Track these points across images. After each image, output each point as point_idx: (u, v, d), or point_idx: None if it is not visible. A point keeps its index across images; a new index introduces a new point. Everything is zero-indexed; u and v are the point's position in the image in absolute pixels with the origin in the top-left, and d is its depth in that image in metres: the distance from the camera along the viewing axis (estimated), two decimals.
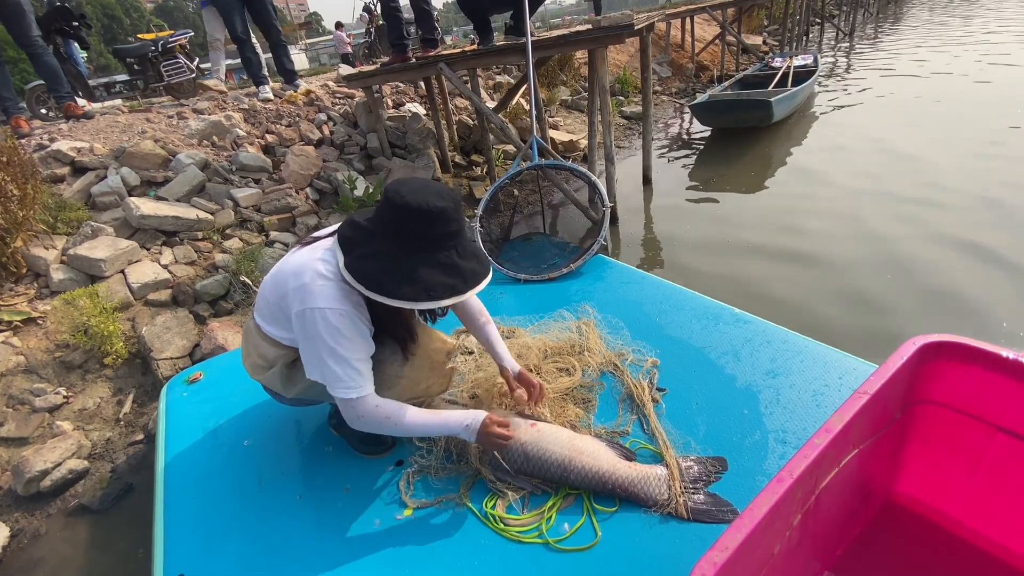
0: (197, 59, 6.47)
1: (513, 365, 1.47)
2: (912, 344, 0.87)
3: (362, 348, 1.15)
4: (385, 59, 4.68)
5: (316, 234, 1.27)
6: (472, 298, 1.42)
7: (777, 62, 8.27)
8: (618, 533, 1.17)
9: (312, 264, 1.13)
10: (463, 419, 1.22)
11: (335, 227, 1.22)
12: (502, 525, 1.22)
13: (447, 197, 1.08)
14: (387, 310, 1.13)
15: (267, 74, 5.06)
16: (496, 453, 1.31)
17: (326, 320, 1.09)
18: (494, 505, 1.27)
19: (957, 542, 0.98)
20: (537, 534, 1.19)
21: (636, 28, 3.26)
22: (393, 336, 1.27)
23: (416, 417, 1.20)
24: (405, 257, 1.06)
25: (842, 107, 7.05)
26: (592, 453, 1.27)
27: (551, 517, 1.22)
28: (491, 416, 1.22)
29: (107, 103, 6.30)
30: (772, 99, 5.67)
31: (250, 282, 3.13)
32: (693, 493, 1.20)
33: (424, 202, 1.04)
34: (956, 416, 0.93)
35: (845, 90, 7.98)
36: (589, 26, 3.70)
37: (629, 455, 1.31)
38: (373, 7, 10.84)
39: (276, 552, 1.27)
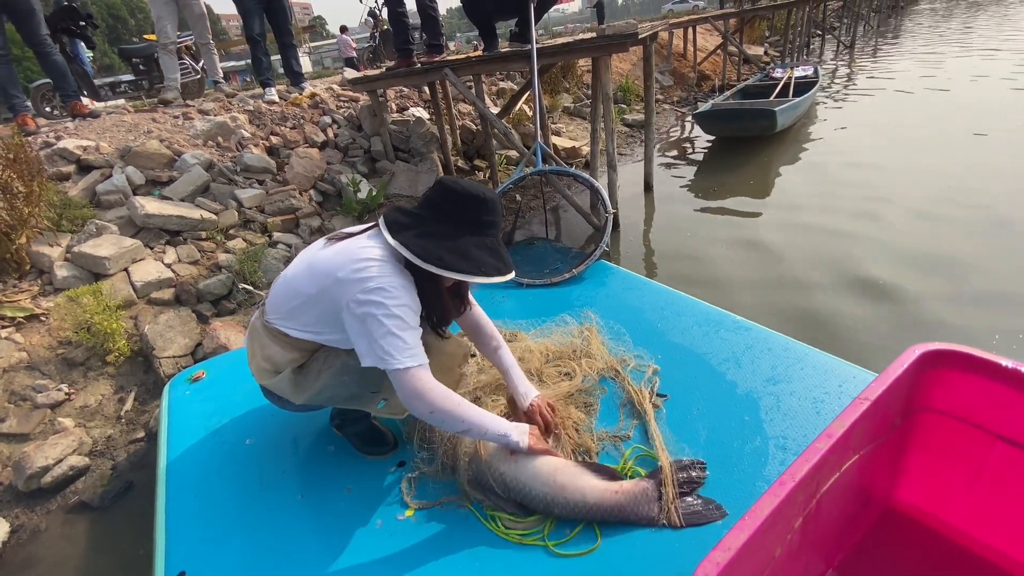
0: (202, 61, 6.51)
1: (527, 395, 1.42)
2: (913, 352, 0.89)
3: (416, 325, 1.18)
4: (389, 63, 4.72)
5: (346, 230, 1.28)
6: (484, 319, 1.48)
7: (778, 73, 8.32)
8: (619, 536, 1.18)
9: (361, 252, 1.15)
10: (512, 429, 1.24)
11: (365, 226, 1.27)
12: (504, 528, 1.23)
13: (490, 191, 1.21)
14: (430, 292, 1.21)
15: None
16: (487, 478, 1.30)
17: (391, 294, 1.11)
18: (494, 508, 1.28)
19: (957, 550, 0.99)
20: (539, 537, 1.20)
21: (640, 37, 3.30)
22: (429, 318, 1.28)
23: (475, 417, 1.19)
24: (459, 237, 1.16)
25: (842, 117, 7.10)
26: (576, 488, 1.21)
27: (552, 520, 1.23)
28: (533, 429, 1.29)
29: (110, 103, 6.32)
30: (776, 108, 5.71)
31: (251, 288, 3.14)
32: (682, 497, 1.21)
33: (479, 191, 1.17)
34: (956, 424, 0.94)
35: (846, 101, 8.03)
36: (593, 34, 3.74)
37: (615, 475, 1.27)
38: (378, 12, 10.91)
39: (277, 551, 1.27)
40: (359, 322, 1.13)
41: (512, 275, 1.22)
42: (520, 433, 1.25)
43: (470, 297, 1.45)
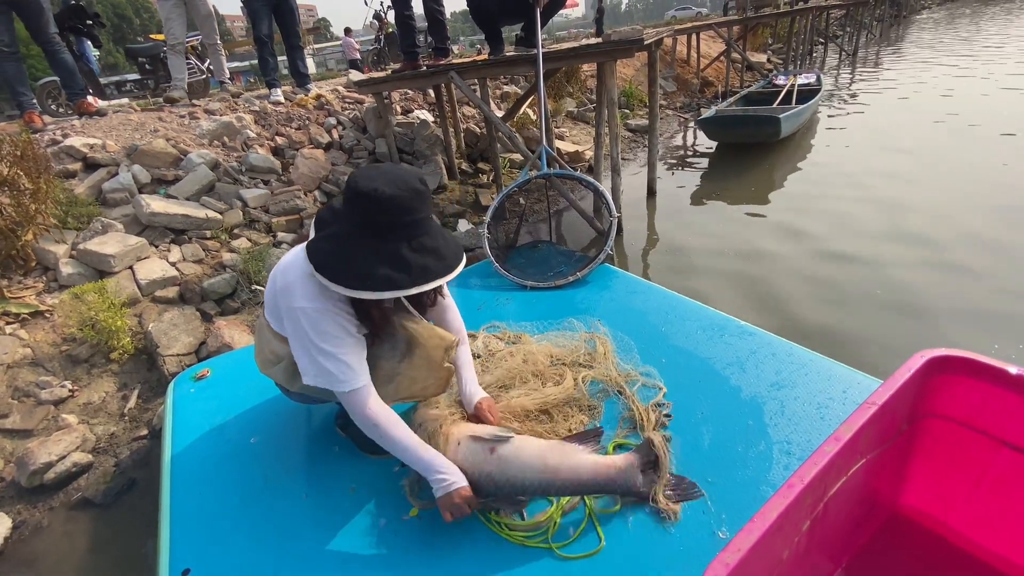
0: (208, 60, 6.53)
1: (474, 395, 1.41)
2: (920, 357, 0.89)
3: (347, 344, 1.13)
4: (395, 66, 4.74)
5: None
6: (452, 314, 1.44)
7: (781, 80, 8.35)
8: (623, 538, 1.18)
9: (298, 261, 1.13)
10: (443, 473, 1.16)
11: None
12: (507, 529, 1.23)
13: (404, 185, 1.02)
14: (355, 302, 1.13)
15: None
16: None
17: (308, 317, 1.09)
18: (498, 510, 1.28)
19: (961, 555, 0.99)
20: (542, 539, 1.20)
21: (645, 43, 3.32)
22: (368, 325, 1.21)
23: (405, 437, 1.17)
24: (354, 242, 1.03)
25: (845, 125, 7.12)
26: (569, 468, 1.23)
27: (556, 522, 1.23)
28: (466, 489, 1.18)
29: (114, 101, 6.35)
30: (781, 116, 5.73)
31: (261, 287, 3.15)
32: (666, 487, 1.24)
33: (373, 188, 0.99)
34: (961, 430, 0.94)
35: (848, 109, 8.06)
36: (597, 39, 3.76)
37: (597, 436, 1.35)
38: (384, 14, 10.96)
39: (281, 549, 1.27)
40: (291, 338, 1.13)
41: (431, 285, 1.06)
42: (453, 480, 1.16)
43: (443, 292, 1.40)
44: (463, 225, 4.34)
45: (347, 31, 14.29)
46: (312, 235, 1.10)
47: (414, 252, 1.05)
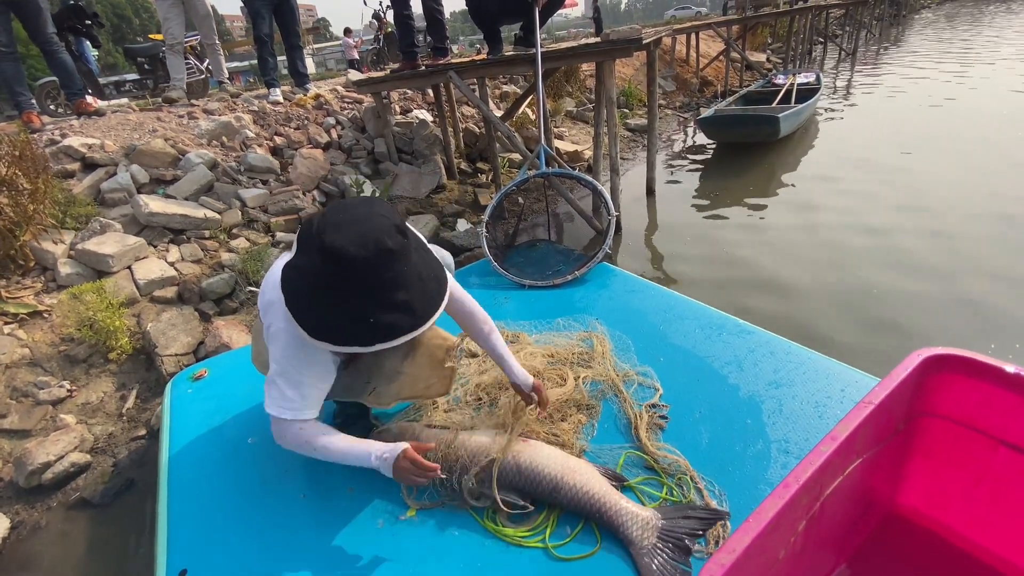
0: (207, 60, 6.53)
1: (526, 378, 1.41)
2: (917, 356, 0.89)
3: (315, 374, 1.12)
4: (394, 66, 4.73)
5: None
6: (470, 303, 1.38)
7: (780, 79, 8.35)
8: (618, 538, 1.18)
9: (279, 274, 1.09)
10: (381, 450, 1.13)
11: None
12: (505, 529, 1.23)
13: (372, 245, 0.92)
14: None
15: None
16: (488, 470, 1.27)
17: (278, 340, 1.09)
18: (495, 511, 1.27)
19: (959, 555, 0.99)
20: (539, 539, 1.20)
21: (644, 42, 3.31)
22: (343, 355, 1.19)
23: (334, 444, 1.14)
24: (321, 291, 0.97)
25: (844, 124, 7.12)
26: (584, 473, 1.25)
27: (553, 522, 1.23)
28: (412, 448, 1.13)
29: (113, 101, 6.35)
30: (780, 115, 5.73)
31: (255, 288, 3.15)
32: (667, 550, 1.11)
33: (339, 247, 0.91)
34: (959, 429, 0.94)
35: (847, 108, 8.05)
36: (597, 39, 3.76)
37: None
38: (383, 14, 10.95)
39: (278, 550, 1.27)
40: (271, 353, 1.13)
41: (397, 341, 0.99)
42: (391, 449, 1.12)
43: (458, 291, 1.36)
44: (462, 224, 4.34)
45: (346, 31, 14.32)
46: (292, 252, 1.04)
47: (381, 311, 0.98)
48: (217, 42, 5.16)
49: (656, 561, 1.08)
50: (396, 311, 0.99)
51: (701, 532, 1.12)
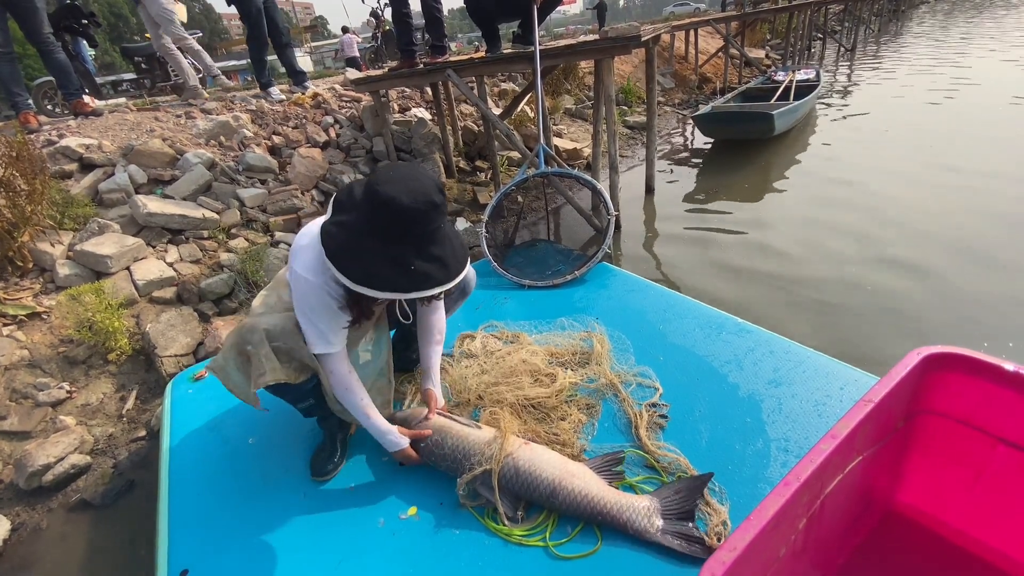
0: (188, 58, 6.53)
1: (435, 383, 1.54)
2: (916, 354, 0.89)
3: (326, 316, 1.21)
4: (392, 64, 4.72)
5: None
6: (437, 314, 1.49)
7: (779, 76, 8.34)
8: (619, 537, 1.18)
9: (315, 227, 1.17)
10: (394, 435, 1.36)
11: None
12: (505, 528, 1.23)
13: (422, 197, 1.04)
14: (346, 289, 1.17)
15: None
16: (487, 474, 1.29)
17: (299, 286, 1.18)
18: (494, 511, 1.28)
19: (958, 552, 0.99)
20: (540, 538, 1.20)
21: (643, 40, 3.30)
22: (352, 312, 1.24)
23: (366, 407, 1.34)
24: (365, 239, 1.06)
25: (842, 120, 7.11)
26: (583, 476, 1.25)
27: (554, 521, 1.23)
28: (408, 449, 1.37)
29: (110, 101, 6.33)
30: (774, 112, 5.72)
31: (258, 288, 3.14)
32: (674, 523, 1.17)
33: (392, 197, 1.02)
34: (958, 427, 0.94)
35: (846, 105, 8.05)
36: (595, 36, 3.75)
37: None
38: (381, 12, 10.93)
39: (279, 549, 1.27)
40: (293, 296, 1.23)
41: (433, 291, 1.10)
42: (398, 442, 1.36)
43: (433, 304, 1.46)
44: (461, 223, 4.33)
45: (344, 29, 14.30)
46: (329, 214, 1.13)
47: (420, 259, 1.07)
48: (188, 37, 5.08)
49: (674, 538, 1.14)
50: (434, 262, 1.09)
51: (695, 500, 1.20)
